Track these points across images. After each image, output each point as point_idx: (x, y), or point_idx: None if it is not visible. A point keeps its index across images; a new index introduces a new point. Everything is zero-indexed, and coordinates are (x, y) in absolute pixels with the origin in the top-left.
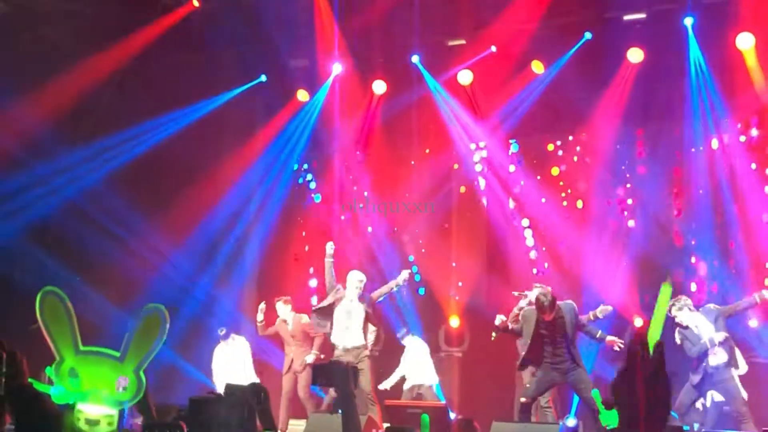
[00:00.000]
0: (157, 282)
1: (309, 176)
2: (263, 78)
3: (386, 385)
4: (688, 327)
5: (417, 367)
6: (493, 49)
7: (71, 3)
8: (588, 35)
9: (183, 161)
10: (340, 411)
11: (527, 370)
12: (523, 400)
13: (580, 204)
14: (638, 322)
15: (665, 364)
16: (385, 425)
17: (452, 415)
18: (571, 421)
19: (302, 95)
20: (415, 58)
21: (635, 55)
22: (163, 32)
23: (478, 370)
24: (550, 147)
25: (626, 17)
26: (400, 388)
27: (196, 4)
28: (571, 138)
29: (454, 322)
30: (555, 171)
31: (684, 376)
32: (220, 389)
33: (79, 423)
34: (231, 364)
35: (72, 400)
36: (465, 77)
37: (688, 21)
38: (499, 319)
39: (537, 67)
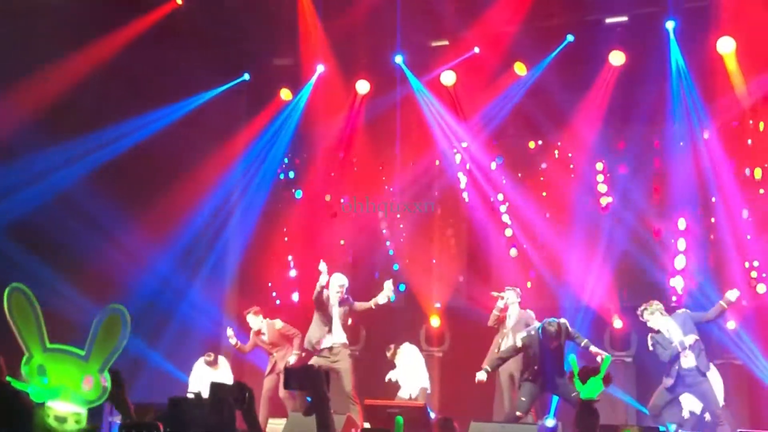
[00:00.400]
0: (137, 280)
1: (291, 175)
2: (246, 77)
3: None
4: (659, 331)
5: (412, 372)
6: (476, 50)
7: None
8: (570, 38)
9: (165, 160)
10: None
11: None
12: (518, 414)
13: (561, 204)
14: (617, 323)
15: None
16: (366, 425)
17: (432, 415)
18: (550, 422)
19: (285, 94)
20: (398, 59)
21: (617, 58)
22: (145, 30)
23: (458, 370)
24: (531, 145)
25: (608, 20)
26: (394, 393)
27: (179, 1)
28: (552, 139)
29: (435, 321)
30: (537, 173)
31: (658, 379)
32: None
33: (48, 419)
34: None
35: (46, 398)
36: (448, 78)
37: (670, 25)
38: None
39: (520, 68)
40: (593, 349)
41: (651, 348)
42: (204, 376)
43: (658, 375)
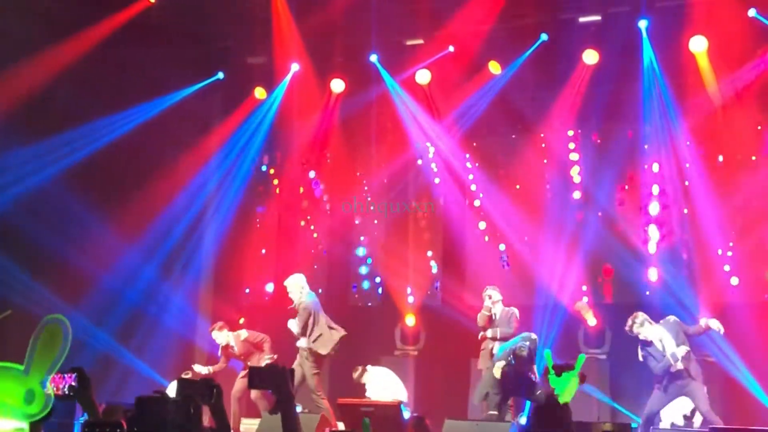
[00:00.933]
0: (108, 280)
1: (266, 174)
2: (220, 75)
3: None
4: (651, 343)
5: (382, 392)
6: (451, 49)
7: None
8: (544, 37)
9: (139, 158)
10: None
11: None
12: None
13: (535, 201)
14: (591, 321)
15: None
16: (339, 424)
17: (406, 414)
18: (524, 419)
19: (260, 93)
20: (373, 57)
21: (590, 57)
22: (118, 27)
23: (433, 369)
24: (505, 142)
25: (581, 19)
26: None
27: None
28: (527, 137)
29: (410, 320)
30: (512, 170)
31: (631, 376)
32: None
33: None
34: None
35: None
36: (423, 77)
37: (643, 24)
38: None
39: (494, 67)
40: (702, 324)
41: (642, 359)
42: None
43: (631, 372)
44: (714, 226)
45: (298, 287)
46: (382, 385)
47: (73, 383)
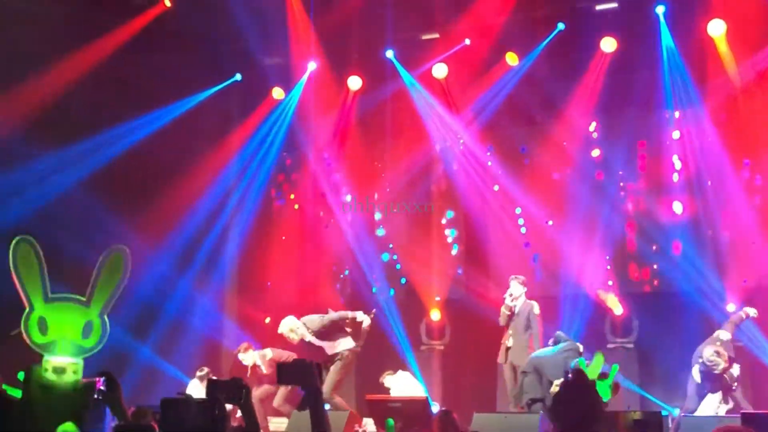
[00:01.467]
0: (135, 284)
1: (286, 173)
2: (238, 77)
3: None
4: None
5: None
6: (467, 42)
7: (41, 5)
8: (561, 26)
9: (159, 162)
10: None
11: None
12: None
13: (557, 192)
14: (618, 310)
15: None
16: (368, 420)
17: (434, 408)
18: None
19: (277, 93)
20: (389, 53)
21: (608, 45)
22: (135, 33)
23: (459, 363)
24: (525, 134)
25: (598, 7)
26: None
27: (168, 4)
28: (546, 128)
29: (435, 315)
30: (532, 161)
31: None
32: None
33: (46, 373)
34: None
35: (45, 353)
36: (440, 71)
37: (660, 9)
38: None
39: (511, 59)
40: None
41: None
42: (194, 391)
43: (659, 360)
44: (738, 210)
45: (292, 329)
46: (406, 387)
47: (102, 387)
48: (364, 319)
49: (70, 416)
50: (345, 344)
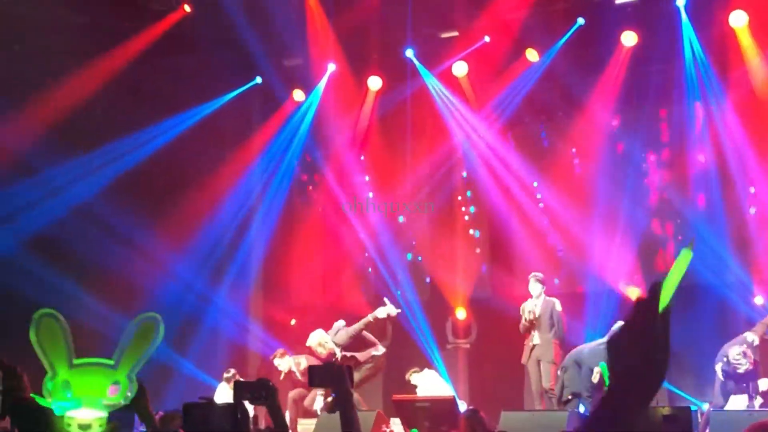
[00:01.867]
0: (159, 288)
1: (308, 174)
2: (258, 80)
3: None
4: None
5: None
6: (487, 39)
7: (61, 13)
8: (581, 21)
9: (182, 167)
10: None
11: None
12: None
13: (580, 187)
14: None
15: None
16: (395, 420)
17: (462, 407)
18: (582, 408)
19: (298, 95)
20: (409, 52)
21: (629, 39)
22: (155, 39)
23: (486, 361)
24: (546, 130)
25: (618, 1)
26: None
27: (187, 9)
28: (568, 123)
29: (461, 314)
30: (554, 157)
31: (686, 358)
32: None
33: (70, 429)
34: None
35: (68, 409)
36: (460, 69)
37: (681, 1)
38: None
39: (531, 55)
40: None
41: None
42: (222, 394)
43: (686, 355)
44: (762, 203)
45: (320, 343)
46: (432, 385)
47: (132, 388)
48: (382, 311)
49: None
50: (375, 352)
